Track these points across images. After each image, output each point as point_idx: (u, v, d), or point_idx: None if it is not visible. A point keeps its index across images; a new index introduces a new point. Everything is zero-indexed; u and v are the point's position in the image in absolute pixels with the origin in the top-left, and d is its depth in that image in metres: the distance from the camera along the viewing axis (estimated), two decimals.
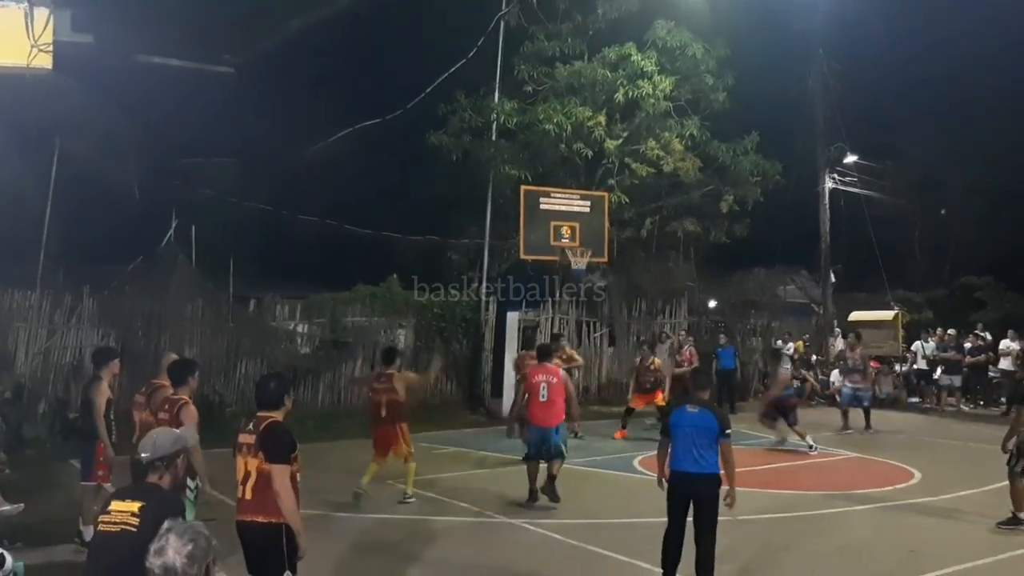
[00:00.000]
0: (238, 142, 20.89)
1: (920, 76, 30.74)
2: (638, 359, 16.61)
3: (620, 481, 11.83)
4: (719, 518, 6.68)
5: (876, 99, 29.25)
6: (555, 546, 8.40)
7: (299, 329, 18.04)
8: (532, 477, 9.96)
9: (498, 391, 17.88)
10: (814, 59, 24.42)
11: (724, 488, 6.68)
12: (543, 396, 9.89)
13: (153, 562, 2.93)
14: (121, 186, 16.83)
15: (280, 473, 5.14)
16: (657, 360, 16.12)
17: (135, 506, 3.95)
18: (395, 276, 19.81)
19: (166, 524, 3.10)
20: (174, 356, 8.16)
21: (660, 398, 15.71)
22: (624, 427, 15.50)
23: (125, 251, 17.26)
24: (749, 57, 21.61)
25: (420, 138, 20.70)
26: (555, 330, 19.27)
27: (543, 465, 9.89)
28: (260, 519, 5.21)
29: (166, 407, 6.95)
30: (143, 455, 4.33)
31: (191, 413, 6.75)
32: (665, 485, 6.85)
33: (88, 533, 7.04)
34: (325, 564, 7.41)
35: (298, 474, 5.32)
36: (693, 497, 6.65)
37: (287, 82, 20.92)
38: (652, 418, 15.72)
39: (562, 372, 10.37)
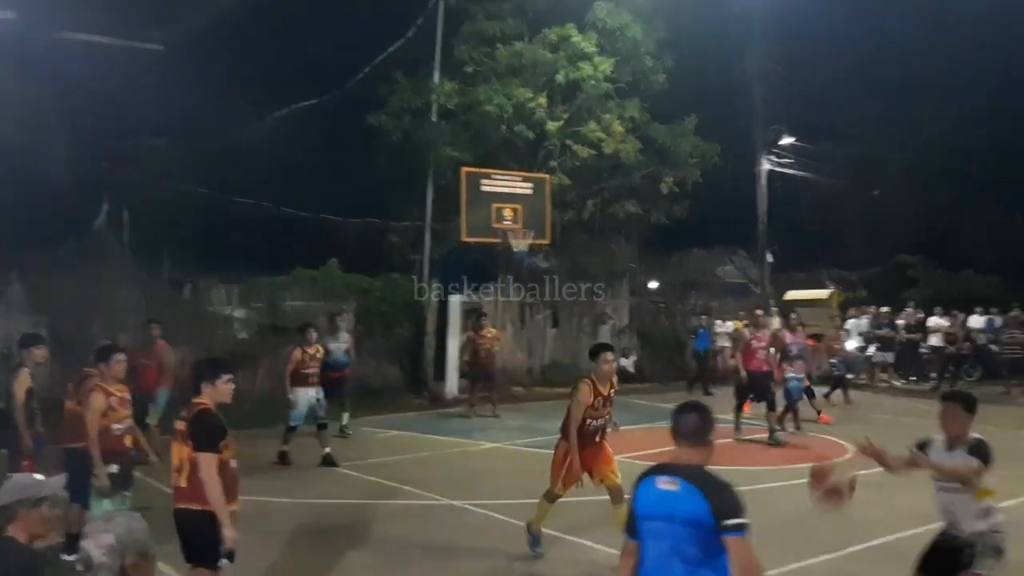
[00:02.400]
0: (172, 123, 20.38)
1: (856, 58, 31.27)
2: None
3: None
4: None
5: (813, 81, 29.66)
6: (498, 526, 8.40)
7: (236, 314, 17.72)
8: None
9: (440, 374, 17.83)
10: (752, 41, 24.70)
11: None
12: None
13: (75, 557, 2.82)
14: (50, 167, 16.31)
15: (206, 461, 5.04)
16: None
17: None
18: (335, 259, 19.55)
19: (87, 520, 2.98)
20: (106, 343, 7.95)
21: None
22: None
23: (55, 235, 16.74)
24: (688, 39, 21.73)
25: (359, 119, 20.44)
26: (485, 313, 18.61)
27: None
28: (194, 507, 5.12)
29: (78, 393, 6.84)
30: None
31: (96, 400, 6.61)
32: None
33: None
34: (266, 551, 7.30)
35: (232, 461, 5.23)
36: None
37: (222, 61, 20.41)
38: None
39: None
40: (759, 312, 14.93)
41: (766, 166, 25.14)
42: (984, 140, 29.16)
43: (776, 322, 15.28)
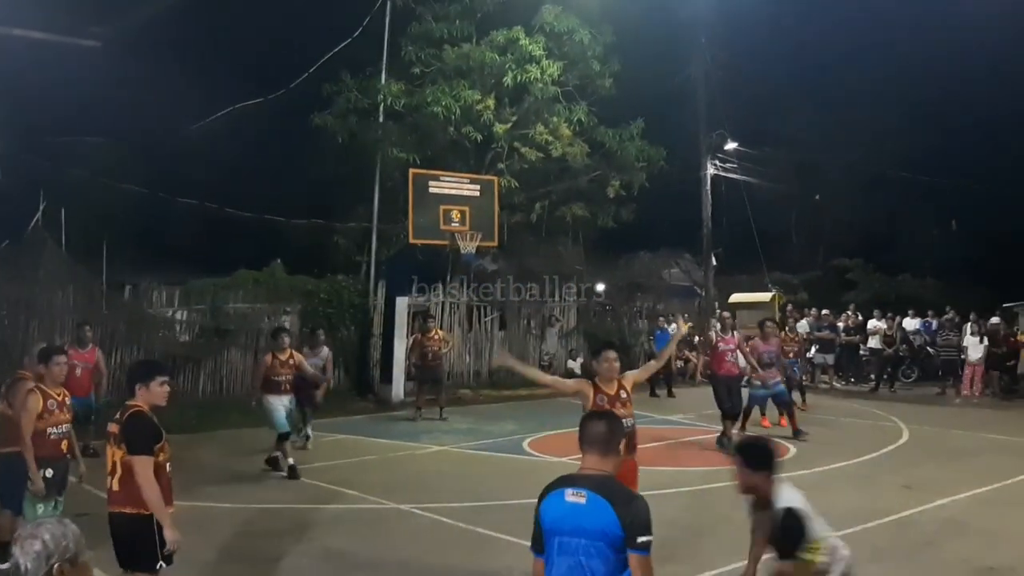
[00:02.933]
0: (112, 121, 19.94)
1: (798, 64, 31.90)
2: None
3: (509, 463, 11.88)
4: None
5: (756, 87, 30.19)
6: (444, 529, 8.37)
7: (178, 316, 17.39)
8: None
9: (387, 377, 17.73)
10: (697, 47, 25.02)
11: None
12: None
13: (4, 569, 2.73)
14: None
15: (141, 464, 4.94)
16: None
17: None
18: (279, 261, 19.31)
19: (18, 530, 2.89)
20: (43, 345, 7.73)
21: None
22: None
23: None
24: (634, 44, 21.98)
25: (304, 119, 20.26)
26: (432, 315, 18.17)
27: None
28: (128, 510, 5.02)
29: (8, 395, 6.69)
30: None
31: (32, 402, 6.41)
32: None
33: None
34: (208, 555, 7.18)
35: (167, 464, 5.15)
36: None
37: (164, 58, 20.04)
38: None
39: None
40: (726, 315, 14.54)
41: (711, 170, 25.48)
42: (922, 147, 29.93)
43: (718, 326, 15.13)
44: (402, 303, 17.98)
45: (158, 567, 5.05)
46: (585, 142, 21.31)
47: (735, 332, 13.89)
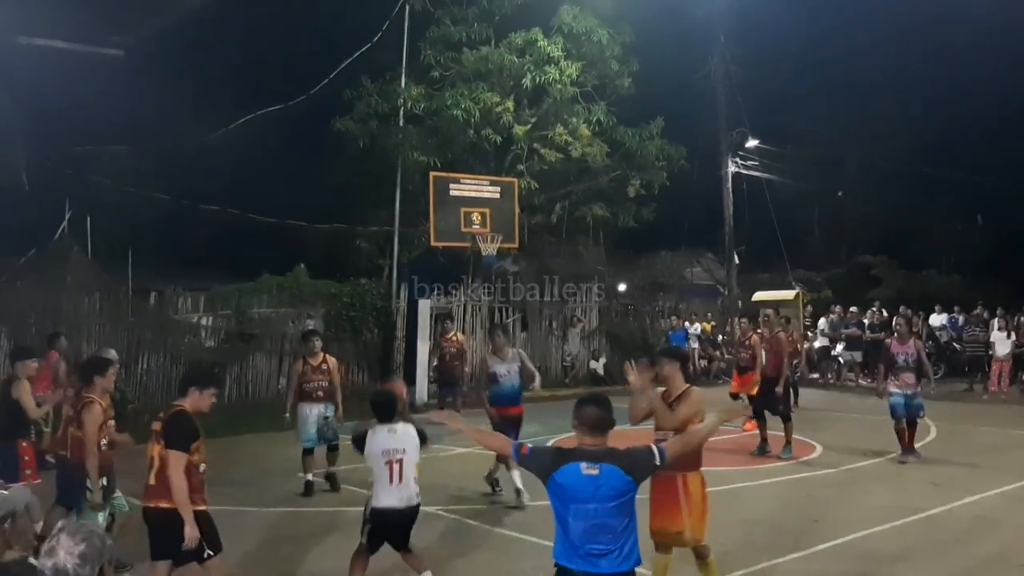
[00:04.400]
0: (136, 128, 20.21)
1: (817, 60, 31.79)
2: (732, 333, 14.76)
3: None
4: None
5: (775, 83, 30.10)
6: (469, 531, 8.39)
7: (203, 322, 17.54)
8: None
9: (411, 379, 17.75)
10: (715, 45, 24.93)
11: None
12: None
13: (44, 563, 2.79)
14: (10, 175, 16.07)
15: (175, 459, 5.21)
16: (754, 336, 13.27)
17: None
18: (302, 265, 19.44)
19: (59, 523, 2.95)
20: (112, 352, 7.85)
21: (752, 384, 12.96)
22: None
23: (16, 243, 16.49)
24: (653, 43, 21.96)
25: (325, 124, 20.37)
26: (451, 317, 17.73)
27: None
28: (163, 504, 5.25)
29: (74, 405, 6.77)
30: None
31: (94, 413, 6.50)
32: None
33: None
34: (234, 558, 7.23)
35: (201, 464, 5.43)
36: None
37: (187, 66, 20.30)
38: None
39: None
40: (768, 312, 13.80)
41: (731, 168, 25.37)
42: (944, 141, 29.69)
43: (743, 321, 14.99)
44: (424, 306, 18.03)
45: (206, 556, 5.27)
46: (604, 142, 21.28)
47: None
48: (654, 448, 4.23)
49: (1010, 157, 28.90)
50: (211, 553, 5.32)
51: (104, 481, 6.62)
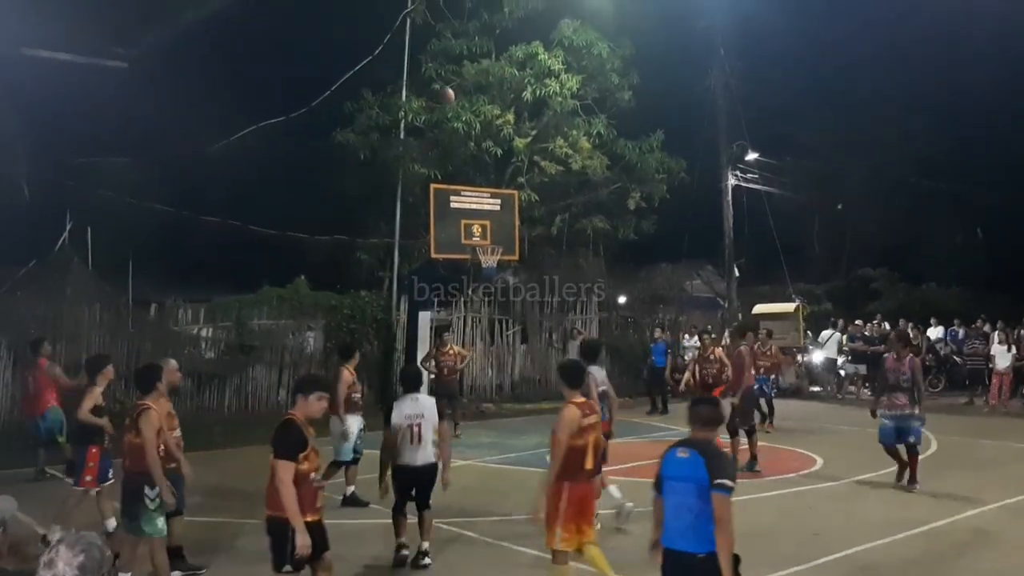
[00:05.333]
0: (137, 140, 20.25)
1: (816, 73, 31.90)
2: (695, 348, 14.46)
3: (534, 477, 11.79)
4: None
5: (775, 96, 30.20)
6: (469, 544, 8.37)
7: (203, 333, 17.53)
8: None
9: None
10: (715, 58, 25.02)
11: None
12: None
13: (43, 574, 2.79)
14: (10, 186, 16.09)
15: (281, 468, 5.25)
16: (719, 350, 13.22)
17: None
18: (303, 277, 19.46)
19: (58, 535, 2.95)
20: (172, 361, 7.90)
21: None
22: None
23: (17, 254, 16.51)
24: (653, 56, 22.05)
25: (326, 136, 20.41)
26: (447, 331, 18.16)
27: None
28: (269, 512, 5.38)
29: (130, 413, 6.84)
30: None
31: (151, 419, 6.54)
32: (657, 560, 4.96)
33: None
34: (233, 571, 7.22)
35: (311, 474, 5.43)
36: None
37: (188, 78, 20.35)
38: None
39: None
40: (763, 328, 13.76)
41: (731, 181, 25.43)
42: (944, 154, 29.75)
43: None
44: (425, 318, 18.02)
45: (284, 568, 5.32)
46: (605, 155, 21.34)
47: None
48: (722, 478, 4.69)
49: (1010, 170, 28.97)
50: (289, 568, 5.32)
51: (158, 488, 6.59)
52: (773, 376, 17.07)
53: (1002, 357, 18.66)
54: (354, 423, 10.05)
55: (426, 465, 7.49)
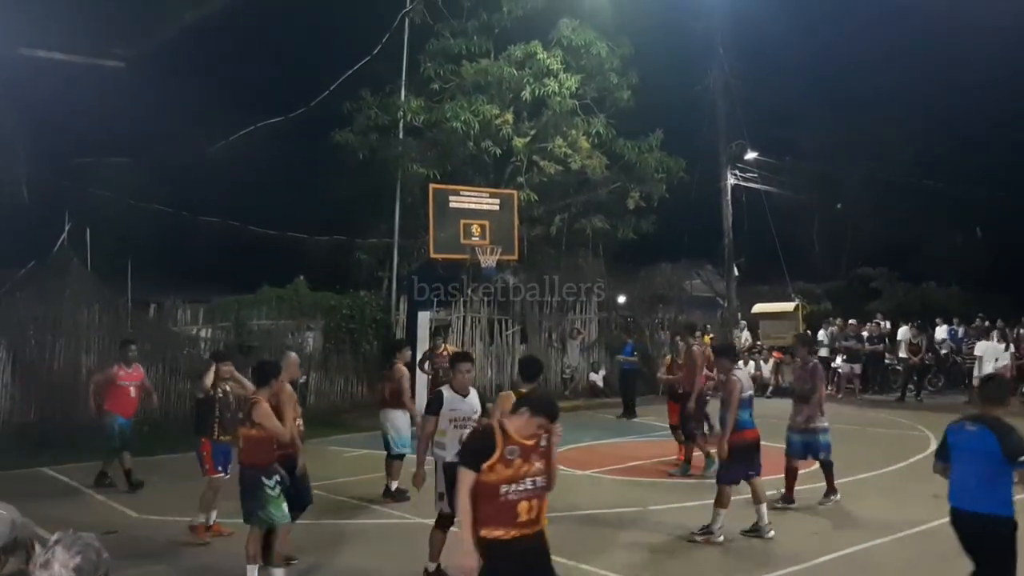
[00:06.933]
0: (135, 141, 20.24)
1: (816, 72, 31.93)
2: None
3: None
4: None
5: (775, 96, 30.19)
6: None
7: (202, 334, 17.51)
8: None
9: (410, 391, 17.70)
10: (715, 58, 25.01)
11: None
12: None
13: (38, 575, 2.76)
14: (9, 187, 16.09)
15: (460, 476, 4.75)
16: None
17: None
18: (302, 277, 19.44)
19: (55, 536, 2.92)
20: (293, 355, 8.33)
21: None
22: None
23: (15, 255, 16.50)
24: (652, 56, 22.05)
25: (325, 136, 20.42)
26: (444, 331, 17.33)
27: None
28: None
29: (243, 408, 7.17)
30: None
31: (262, 409, 6.74)
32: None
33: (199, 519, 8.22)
34: (235, 571, 7.20)
35: (502, 486, 4.64)
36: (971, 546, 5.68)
37: (186, 78, 20.34)
38: None
39: None
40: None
41: (731, 180, 25.42)
42: (944, 153, 29.73)
43: (747, 334, 14.92)
44: (424, 318, 18.00)
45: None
46: (604, 154, 21.34)
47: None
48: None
49: (1010, 170, 28.96)
50: None
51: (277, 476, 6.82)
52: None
53: (1000, 356, 18.47)
54: (405, 418, 10.40)
55: None
